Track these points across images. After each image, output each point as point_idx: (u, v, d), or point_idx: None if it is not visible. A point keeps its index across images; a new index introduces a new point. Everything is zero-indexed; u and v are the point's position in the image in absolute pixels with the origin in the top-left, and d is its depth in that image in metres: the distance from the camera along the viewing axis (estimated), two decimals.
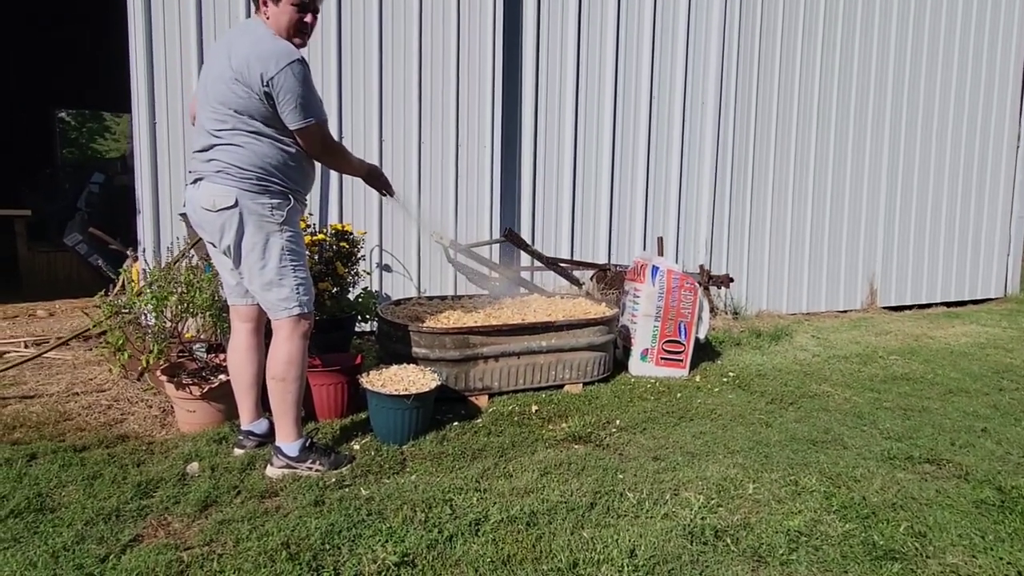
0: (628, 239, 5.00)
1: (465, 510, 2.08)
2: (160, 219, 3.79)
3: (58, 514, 2.01)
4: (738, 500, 2.21)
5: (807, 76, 5.45)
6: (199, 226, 2.33)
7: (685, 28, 4.98)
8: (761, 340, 4.55)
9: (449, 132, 4.37)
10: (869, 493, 2.28)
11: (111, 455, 2.44)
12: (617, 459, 2.54)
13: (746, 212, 5.38)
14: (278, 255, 2.25)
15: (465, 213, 4.47)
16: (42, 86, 9.42)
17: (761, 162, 5.38)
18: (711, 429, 2.89)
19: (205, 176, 2.23)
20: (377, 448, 2.57)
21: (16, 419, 2.77)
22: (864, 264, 5.90)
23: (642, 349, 3.68)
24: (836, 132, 5.61)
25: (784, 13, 5.30)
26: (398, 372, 2.81)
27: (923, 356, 4.37)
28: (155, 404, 2.97)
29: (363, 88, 4.15)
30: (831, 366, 4.07)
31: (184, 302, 2.87)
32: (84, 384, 3.23)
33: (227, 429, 2.67)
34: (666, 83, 5.00)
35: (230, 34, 2.31)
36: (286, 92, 2.13)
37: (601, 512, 2.11)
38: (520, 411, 3.06)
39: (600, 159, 4.84)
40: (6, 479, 2.20)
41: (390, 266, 4.33)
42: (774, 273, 5.54)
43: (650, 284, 3.64)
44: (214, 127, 2.20)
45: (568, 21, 4.64)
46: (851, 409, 3.23)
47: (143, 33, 3.65)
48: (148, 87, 3.70)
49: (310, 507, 2.09)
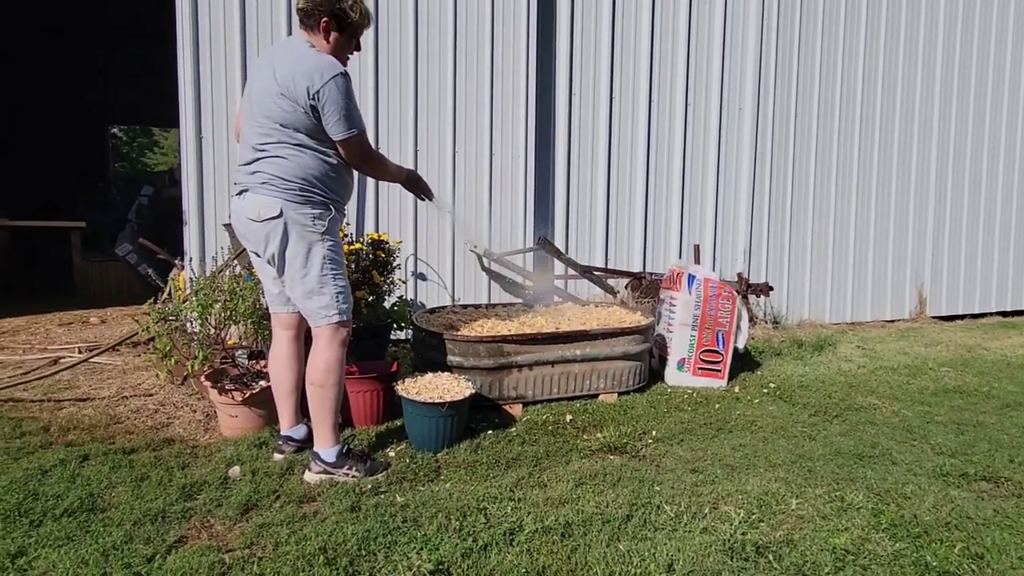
0: (663, 247, 4.94)
1: (500, 519, 2.08)
2: (205, 230, 3.91)
3: (108, 514, 2.08)
4: (780, 515, 2.15)
5: (849, 77, 5.32)
6: (243, 236, 2.40)
7: (721, 32, 4.93)
8: (803, 350, 4.43)
9: (483, 141, 4.40)
10: (921, 511, 2.18)
11: (158, 458, 2.51)
12: (654, 471, 2.50)
13: (786, 218, 5.26)
14: (319, 264, 2.30)
15: (499, 222, 4.49)
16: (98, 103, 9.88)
17: (801, 166, 5.26)
18: (751, 441, 2.82)
19: (251, 188, 2.29)
20: (412, 455, 2.58)
21: (70, 421, 2.88)
22: (912, 271, 5.69)
23: (679, 359, 3.62)
24: (881, 133, 5.45)
25: (824, 15, 5.19)
26: (433, 380, 2.83)
27: (977, 368, 4.18)
28: (199, 408, 3.05)
29: (399, 99, 4.22)
30: (878, 378, 3.93)
31: (227, 310, 2.95)
32: (133, 388, 3.35)
33: (267, 434, 2.73)
34: (702, 88, 4.94)
35: (273, 51, 2.38)
36: (331, 104, 2.19)
37: (638, 525, 2.07)
38: (554, 420, 3.04)
39: (635, 165, 4.81)
40: (61, 479, 2.29)
41: (425, 275, 4.37)
42: (816, 281, 5.40)
43: (686, 292, 3.58)
44: (259, 140, 2.27)
45: (602, 28, 4.63)
46: (900, 423, 3.11)
47: (190, 53, 3.79)
48: (195, 104, 3.83)
49: (347, 513, 2.11)
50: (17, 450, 2.55)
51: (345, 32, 2.34)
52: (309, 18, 2.30)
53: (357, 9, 2.32)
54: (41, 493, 2.19)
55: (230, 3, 3.84)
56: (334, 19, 2.30)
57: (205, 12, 3.80)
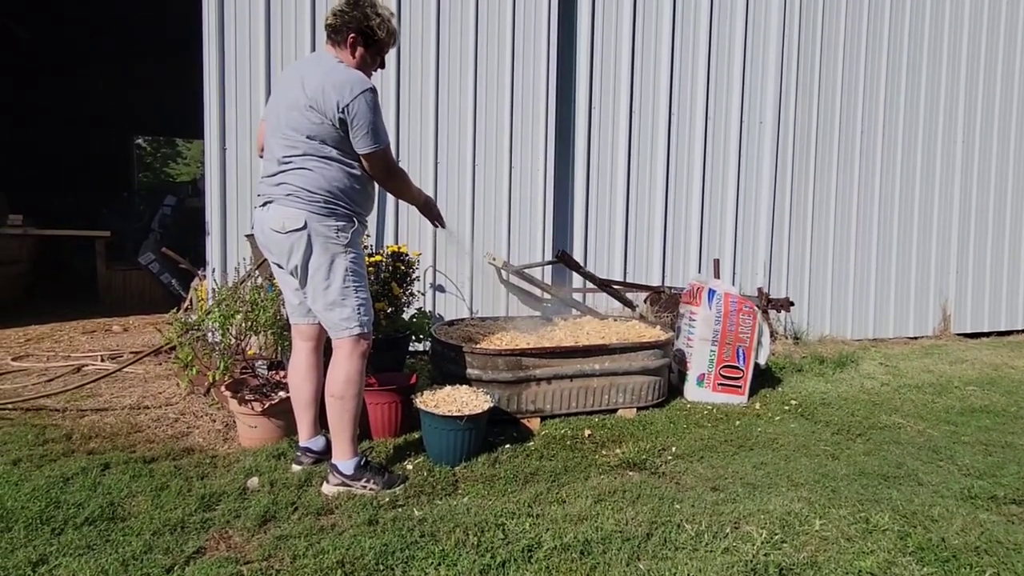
0: (683, 261, 4.91)
1: (518, 535, 2.06)
2: (227, 240, 3.96)
3: (128, 523, 2.10)
4: (804, 536, 2.10)
5: (871, 92, 5.27)
6: (266, 247, 2.42)
7: (742, 46, 4.92)
8: (825, 367, 4.36)
9: (502, 155, 4.42)
10: (949, 534, 2.13)
11: (177, 467, 2.53)
12: (674, 488, 2.46)
13: (807, 233, 5.20)
14: (342, 276, 2.31)
15: (518, 235, 4.49)
16: (123, 114, 10.09)
17: (822, 180, 5.21)
18: (773, 460, 2.77)
19: (275, 199, 2.32)
20: (430, 469, 2.58)
21: (92, 429, 2.92)
22: (936, 288, 5.60)
23: (698, 374, 3.58)
24: (904, 146, 5.39)
25: (846, 26, 5.16)
26: (451, 393, 2.83)
27: (1004, 387, 4.08)
28: (218, 418, 3.08)
29: (420, 113, 4.26)
30: (902, 396, 3.85)
31: (248, 320, 2.97)
32: (154, 397, 3.38)
33: (286, 445, 2.73)
34: (722, 102, 4.92)
35: (300, 65, 2.42)
36: (360, 118, 2.22)
37: (658, 544, 2.04)
38: (573, 435, 3.01)
39: (654, 179, 4.80)
40: (82, 487, 2.32)
41: (443, 287, 4.38)
42: (838, 297, 5.32)
43: (706, 307, 3.55)
44: (285, 153, 2.29)
45: (622, 42, 4.64)
46: (925, 443, 3.04)
47: (216, 66, 3.86)
48: (219, 116, 3.89)
49: (364, 526, 2.10)
50: (40, 458, 2.58)
51: (371, 49, 2.38)
52: (337, 34, 2.34)
53: (384, 28, 2.36)
54: (63, 501, 2.21)
55: (256, 18, 3.91)
56: (361, 36, 2.34)
57: (231, 27, 3.87)
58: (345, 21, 2.32)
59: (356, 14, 2.32)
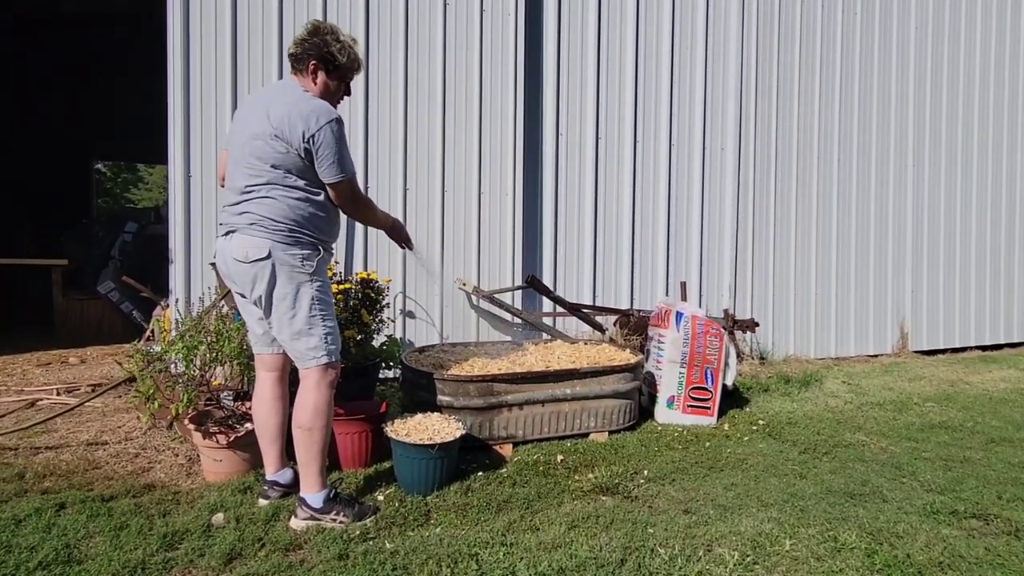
0: (651, 284, 4.99)
1: (492, 566, 2.03)
2: (191, 269, 3.88)
3: (85, 566, 2.01)
4: (775, 557, 2.13)
5: (826, 119, 5.49)
6: (228, 277, 2.38)
7: (703, 74, 5.08)
8: (790, 386, 4.45)
9: (471, 180, 4.45)
10: (914, 551, 2.18)
11: (138, 505, 2.44)
12: (647, 512, 2.47)
13: (769, 255, 5.35)
14: (308, 305, 2.28)
15: (488, 260, 4.51)
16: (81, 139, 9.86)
17: (783, 204, 5.38)
18: (743, 480, 2.81)
19: (238, 228, 2.29)
20: (401, 499, 2.54)
21: (46, 467, 2.79)
22: (893, 307, 5.79)
23: (668, 396, 3.62)
24: (858, 171, 5.61)
25: (801, 53, 5.38)
26: (423, 420, 2.80)
27: (960, 403, 4.23)
28: (181, 452, 2.98)
29: (388, 139, 4.27)
30: (864, 413, 3.95)
31: (213, 351, 2.91)
32: (112, 432, 3.26)
33: (252, 478, 2.66)
34: (685, 129, 5.07)
35: (264, 94, 2.41)
36: (325, 148, 2.22)
37: (632, 569, 2.04)
38: (545, 460, 3.00)
39: (620, 204, 4.88)
40: (35, 529, 2.21)
41: (414, 312, 4.36)
42: (800, 317, 5.46)
43: (675, 330, 3.61)
44: (248, 182, 2.27)
45: (587, 68, 4.76)
46: (888, 459, 3.12)
47: (180, 92, 3.82)
48: (184, 142, 3.84)
49: (334, 561, 2.05)
50: None
51: (333, 75, 2.38)
52: (299, 62, 2.35)
53: (345, 53, 2.37)
54: (14, 545, 2.11)
55: (221, 42, 3.89)
56: (322, 62, 2.35)
57: (196, 51, 3.84)
58: (306, 49, 2.33)
59: (316, 40, 2.33)
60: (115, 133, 9.81)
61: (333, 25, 2.40)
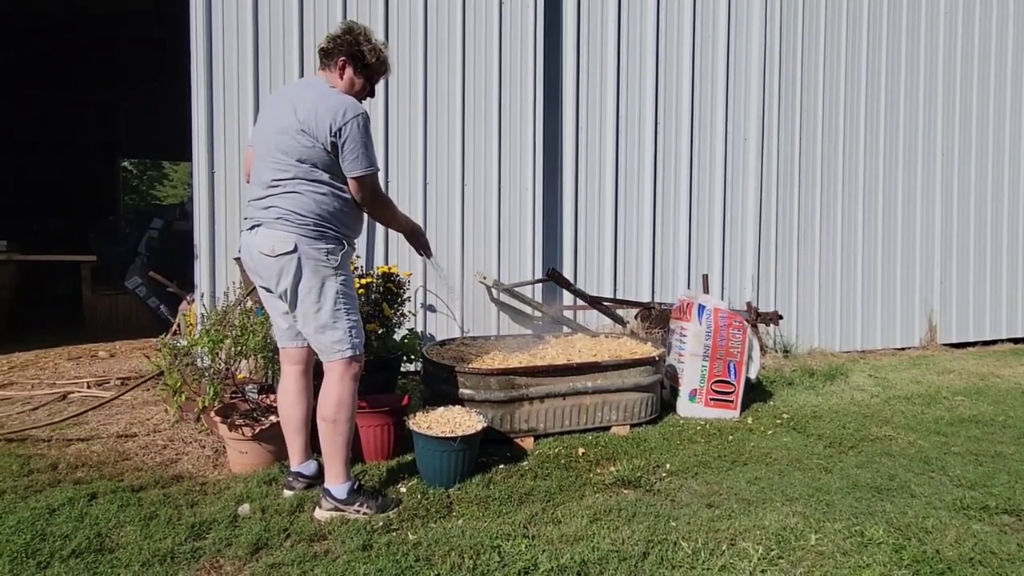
0: (672, 277, 4.95)
1: (514, 558, 2.04)
2: (216, 264, 3.93)
3: (116, 555, 2.05)
4: (800, 552, 2.10)
5: (852, 104, 5.38)
6: (254, 271, 2.41)
7: (725, 62, 5.01)
8: (815, 379, 4.39)
9: (491, 174, 4.45)
10: (943, 546, 2.14)
11: (166, 495, 2.49)
12: (669, 505, 2.46)
13: (793, 246, 5.27)
14: (333, 298, 2.30)
15: (508, 253, 4.51)
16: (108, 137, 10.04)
17: (807, 195, 5.29)
18: (767, 474, 2.77)
19: (264, 222, 2.32)
20: (423, 491, 2.55)
21: (78, 458, 2.86)
22: (921, 299, 5.67)
23: (690, 389, 3.59)
24: (885, 160, 5.50)
25: (825, 42, 5.27)
26: (444, 413, 2.81)
27: (991, 397, 4.13)
28: (208, 444, 3.03)
29: (408, 134, 4.28)
30: (891, 407, 3.88)
31: (238, 344, 2.95)
32: (141, 424, 3.33)
33: (277, 470, 2.70)
34: (707, 119, 5.00)
35: (289, 90, 2.44)
36: (351, 141, 2.25)
37: (655, 562, 2.03)
38: (567, 453, 3.00)
39: (641, 197, 4.84)
40: (68, 518, 2.27)
41: (434, 306, 4.37)
42: (825, 309, 5.38)
43: (697, 323, 3.57)
44: (275, 176, 2.30)
45: (607, 60, 4.71)
46: (917, 454, 3.06)
47: (204, 89, 3.87)
48: (208, 139, 3.89)
49: (358, 552, 2.07)
50: (25, 488, 2.53)
51: (361, 74, 2.41)
52: (328, 57, 2.39)
53: (375, 54, 2.40)
54: (49, 533, 2.16)
55: (244, 41, 3.93)
56: (351, 59, 2.38)
57: (219, 50, 3.88)
58: (337, 45, 2.37)
59: (348, 38, 2.37)
60: (141, 130, 9.96)
61: (367, 27, 2.44)
